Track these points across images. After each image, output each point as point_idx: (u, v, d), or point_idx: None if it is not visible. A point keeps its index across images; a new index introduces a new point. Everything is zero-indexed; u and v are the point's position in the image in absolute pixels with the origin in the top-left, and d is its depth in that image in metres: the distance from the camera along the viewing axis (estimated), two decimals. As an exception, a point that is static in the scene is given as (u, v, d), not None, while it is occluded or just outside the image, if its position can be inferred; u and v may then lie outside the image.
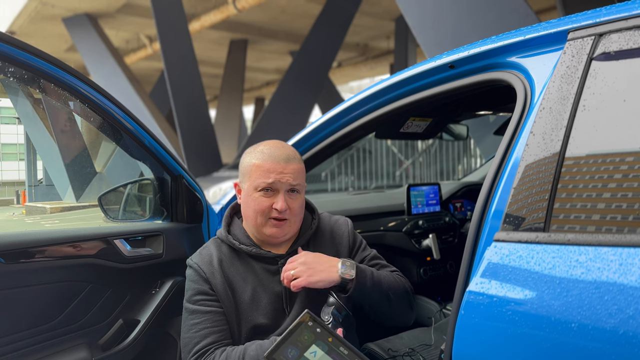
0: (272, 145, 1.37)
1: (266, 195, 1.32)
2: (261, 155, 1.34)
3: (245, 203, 1.37)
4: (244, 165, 1.38)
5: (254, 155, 1.36)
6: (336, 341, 1.08)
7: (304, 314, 1.09)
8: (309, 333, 1.08)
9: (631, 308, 0.78)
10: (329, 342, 1.08)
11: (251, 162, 1.35)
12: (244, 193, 1.38)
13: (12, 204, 2.98)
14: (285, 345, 1.07)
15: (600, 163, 0.92)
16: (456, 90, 1.39)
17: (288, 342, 1.07)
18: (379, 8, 12.18)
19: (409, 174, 10.62)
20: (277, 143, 1.39)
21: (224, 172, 9.97)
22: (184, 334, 1.31)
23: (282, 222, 1.33)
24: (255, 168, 1.33)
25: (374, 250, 1.53)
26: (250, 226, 1.38)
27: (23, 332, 1.37)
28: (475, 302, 0.98)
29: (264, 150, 1.35)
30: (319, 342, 1.08)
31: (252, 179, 1.33)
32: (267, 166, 1.32)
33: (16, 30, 13.13)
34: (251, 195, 1.34)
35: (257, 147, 1.39)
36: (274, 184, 1.31)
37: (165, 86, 12.42)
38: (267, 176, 1.31)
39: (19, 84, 1.53)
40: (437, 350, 1.82)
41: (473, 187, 2.97)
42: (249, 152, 1.39)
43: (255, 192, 1.33)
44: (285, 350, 1.07)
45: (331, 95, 16.28)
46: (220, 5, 11.60)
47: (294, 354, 1.07)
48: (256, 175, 1.33)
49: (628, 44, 0.95)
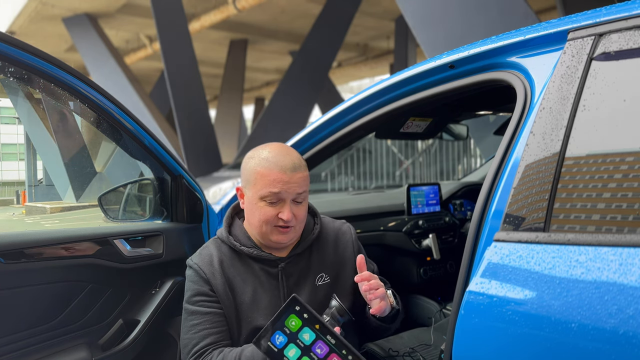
0: (277, 151, 1.31)
1: (272, 205, 1.29)
2: (267, 164, 1.29)
3: (249, 210, 1.34)
4: (247, 170, 1.33)
5: (258, 162, 1.31)
6: (323, 329, 1.09)
7: (291, 298, 1.09)
8: (296, 319, 1.08)
9: (631, 308, 0.78)
10: (316, 329, 1.08)
11: (256, 169, 1.30)
12: (248, 200, 1.34)
13: (12, 204, 2.97)
14: (273, 331, 1.08)
15: (600, 163, 0.92)
16: (456, 90, 1.39)
17: (276, 327, 1.08)
18: (379, 8, 12.17)
19: (409, 174, 10.61)
20: (282, 149, 1.33)
21: (224, 172, 9.97)
22: (184, 334, 1.31)
23: (287, 229, 1.31)
24: (260, 177, 1.29)
25: (375, 266, 1.52)
26: (256, 233, 1.36)
27: (23, 332, 1.37)
28: (475, 302, 0.98)
29: (269, 158, 1.29)
30: (306, 328, 1.08)
31: (257, 188, 1.29)
32: (274, 176, 1.27)
33: (16, 30, 13.13)
34: (256, 204, 1.31)
35: (262, 152, 1.33)
36: (280, 194, 1.28)
37: (165, 86, 12.42)
38: (273, 186, 1.27)
39: (19, 84, 1.53)
40: (437, 350, 1.82)
41: (473, 187, 2.97)
42: (252, 156, 1.34)
43: (260, 202, 1.30)
44: (273, 336, 1.08)
45: (331, 95, 16.27)
46: (220, 5, 11.60)
47: (282, 341, 1.08)
48: (261, 184, 1.28)
49: (628, 44, 0.95)
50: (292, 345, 1.07)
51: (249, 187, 1.32)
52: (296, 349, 1.07)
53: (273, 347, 1.07)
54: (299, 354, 1.07)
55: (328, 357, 1.07)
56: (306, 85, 11.98)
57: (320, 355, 1.07)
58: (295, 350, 1.07)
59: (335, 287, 1.39)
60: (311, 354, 1.07)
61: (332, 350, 1.07)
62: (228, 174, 9.07)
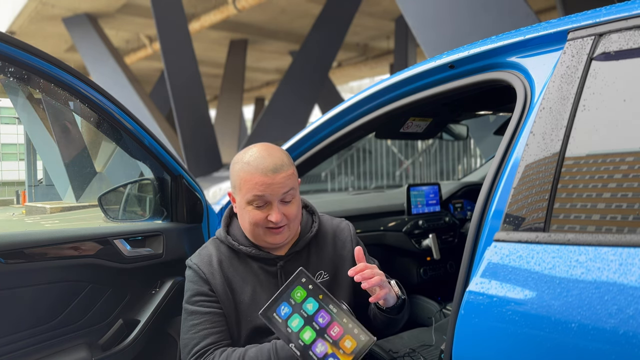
0: (258, 154, 1.31)
1: (259, 208, 1.30)
2: (248, 168, 1.29)
3: (240, 215, 1.36)
4: (233, 175, 1.34)
5: (241, 166, 1.31)
6: (327, 298, 1.13)
7: (298, 271, 1.14)
8: (302, 290, 1.13)
9: (631, 308, 0.78)
10: (319, 299, 1.13)
11: (239, 174, 1.31)
12: (238, 205, 1.35)
13: (12, 204, 2.98)
14: (279, 302, 1.12)
15: (600, 163, 0.92)
16: (456, 90, 1.39)
17: (282, 298, 1.13)
18: (379, 8, 12.18)
19: (409, 174, 10.62)
20: (263, 151, 1.32)
21: (224, 172, 9.98)
22: (184, 334, 1.31)
23: (280, 229, 1.32)
24: (244, 182, 1.30)
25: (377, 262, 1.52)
26: (250, 237, 1.37)
27: (23, 332, 1.37)
28: (475, 302, 0.98)
29: (251, 162, 1.29)
30: (311, 299, 1.13)
31: (243, 193, 1.30)
32: (255, 180, 1.27)
33: (16, 30, 13.14)
34: (245, 209, 1.32)
35: (244, 155, 1.33)
36: (264, 197, 1.28)
37: (165, 86, 12.43)
38: (256, 190, 1.27)
39: (19, 84, 1.53)
40: (438, 351, 1.82)
41: (473, 187, 2.97)
42: (236, 161, 1.35)
43: (248, 206, 1.30)
44: (278, 307, 1.12)
45: (331, 95, 16.28)
46: (220, 5, 11.61)
47: (287, 312, 1.12)
48: (245, 189, 1.29)
49: (628, 44, 0.95)
50: (296, 316, 1.11)
51: (236, 192, 1.34)
52: (300, 319, 1.11)
53: (278, 318, 1.11)
54: (302, 323, 1.11)
55: (329, 326, 1.10)
56: (306, 85, 11.98)
57: (322, 324, 1.11)
58: (298, 320, 1.11)
59: (334, 285, 1.39)
60: (313, 324, 1.11)
61: (333, 319, 1.11)
62: (228, 174, 9.06)
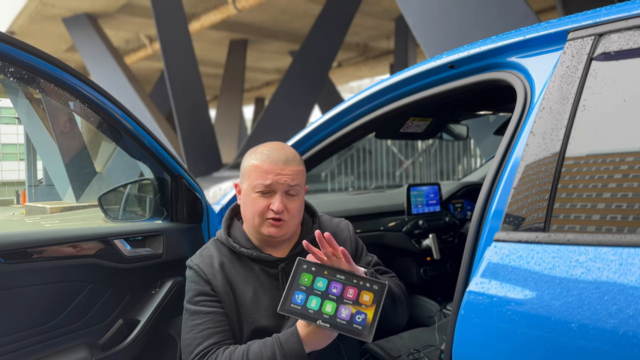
0: (272, 146, 1.38)
1: (264, 196, 1.33)
2: (260, 156, 1.35)
3: (243, 203, 1.39)
4: (244, 166, 1.39)
5: (253, 156, 1.37)
6: (332, 271, 1.19)
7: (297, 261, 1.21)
8: (307, 275, 1.19)
9: (631, 308, 0.78)
10: (325, 275, 1.19)
11: (250, 162, 1.36)
12: (243, 193, 1.39)
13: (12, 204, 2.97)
14: (292, 293, 1.17)
15: (600, 163, 0.92)
16: (456, 90, 1.39)
17: (293, 289, 1.18)
18: (379, 8, 12.17)
19: (409, 174, 10.61)
20: (278, 145, 1.40)
21: (224, 172, 9.97)
22: (185, 334, 1.31)
23: (279, 222, 1.33)
24: (254, 169, 1.34)
25: (375, 256, 1.53)
26: (249, 227, 1.39)
27: (23, 332, 1.37)
28: (475, 302, 0.98)
29: (264, 152, 1.36)
30: (318, 278, 1.19)
31: (251, 180, 1.34)
32: (266, 167, 1.32)
33: (16, 30, 13.13)
34: (249, 196, 1.35)
35: (258, 148, 1.40)
36: (271, 185, 1.31)
37: (165, 86, 12.42)
38: (264, 177, 1.32)
39: (19, 84, 1.53)
40: (439, 351, 1.82)
41: (473, 187, 2.97)
42: (249, 153, 1.40)
43: (253, 193, 1.34)
44: (293, 298, 1.17)
45: (331, 95, 16.26)
46: (220, 5, 11.60)
47: (302, 298, 1.17)
48: (254, 176, 1.33)
49: (628, 44, 0.95)
50: (312, 297, 1.16)
51: (244, 180, 1.38)
52: (316, 298, 1.16)
53: (296, 307, 1.15)
54: (320, 301, 1.16)
55: (344, 291, 1.17)
56: (306, 85, 11.97)
57: (337, 293, 1.16)
58: (315, 300, 1.16)
59: None
60: (330, 296, 1.16)
61: (345, 285, 1.17)
62: (228, 174, 9.07)
